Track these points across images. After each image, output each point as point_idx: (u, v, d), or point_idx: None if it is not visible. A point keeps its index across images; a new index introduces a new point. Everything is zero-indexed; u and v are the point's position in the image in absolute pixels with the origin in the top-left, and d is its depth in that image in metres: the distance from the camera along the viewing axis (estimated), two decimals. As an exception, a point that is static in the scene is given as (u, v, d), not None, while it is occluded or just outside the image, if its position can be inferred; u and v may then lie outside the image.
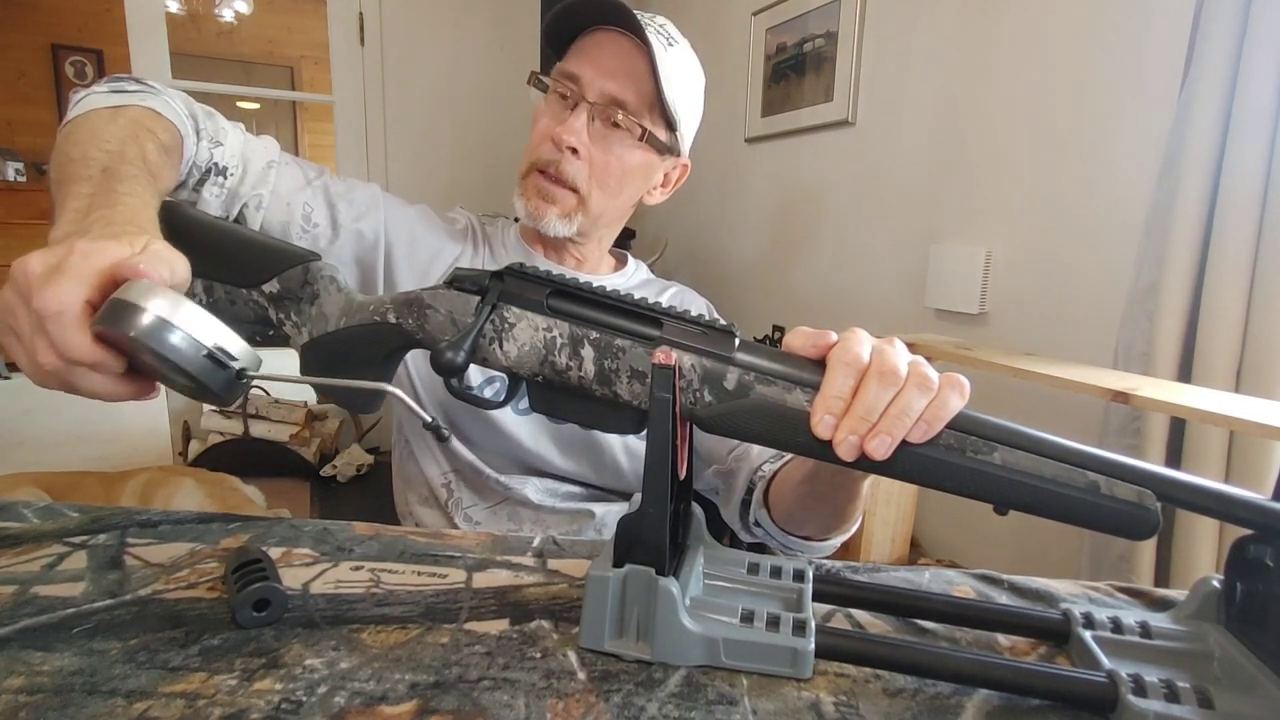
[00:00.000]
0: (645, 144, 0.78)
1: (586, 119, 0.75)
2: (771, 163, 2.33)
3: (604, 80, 0.75)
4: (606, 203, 0.80)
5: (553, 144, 0.76)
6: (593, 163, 0.77)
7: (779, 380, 0.42)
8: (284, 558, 0.52)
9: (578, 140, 0.75)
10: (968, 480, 0.39)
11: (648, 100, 0.76)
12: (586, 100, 0.75)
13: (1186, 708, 0.36)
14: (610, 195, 0.80)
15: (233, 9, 5.08)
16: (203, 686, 0.36)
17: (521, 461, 0.82)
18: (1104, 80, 1.34)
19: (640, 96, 0.76)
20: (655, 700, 0.37)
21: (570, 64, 0.76)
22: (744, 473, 0.72)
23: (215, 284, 0.48)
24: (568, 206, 0.78)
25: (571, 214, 0.79)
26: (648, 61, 0.74)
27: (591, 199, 0.78)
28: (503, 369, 0.46)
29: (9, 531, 0.54)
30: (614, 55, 0.75)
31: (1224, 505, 0.39)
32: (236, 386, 0.40)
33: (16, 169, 4.31)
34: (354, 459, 2.73)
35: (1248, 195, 1.06)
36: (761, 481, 0.70)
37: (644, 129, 0.77)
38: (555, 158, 0.76)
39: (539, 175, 0.78)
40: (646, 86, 0.75)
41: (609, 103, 0.75)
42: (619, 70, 0.75)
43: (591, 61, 0.75)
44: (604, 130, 0.76)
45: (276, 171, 0.72)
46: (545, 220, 0.78)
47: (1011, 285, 1.55)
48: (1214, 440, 1.11)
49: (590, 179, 0.77)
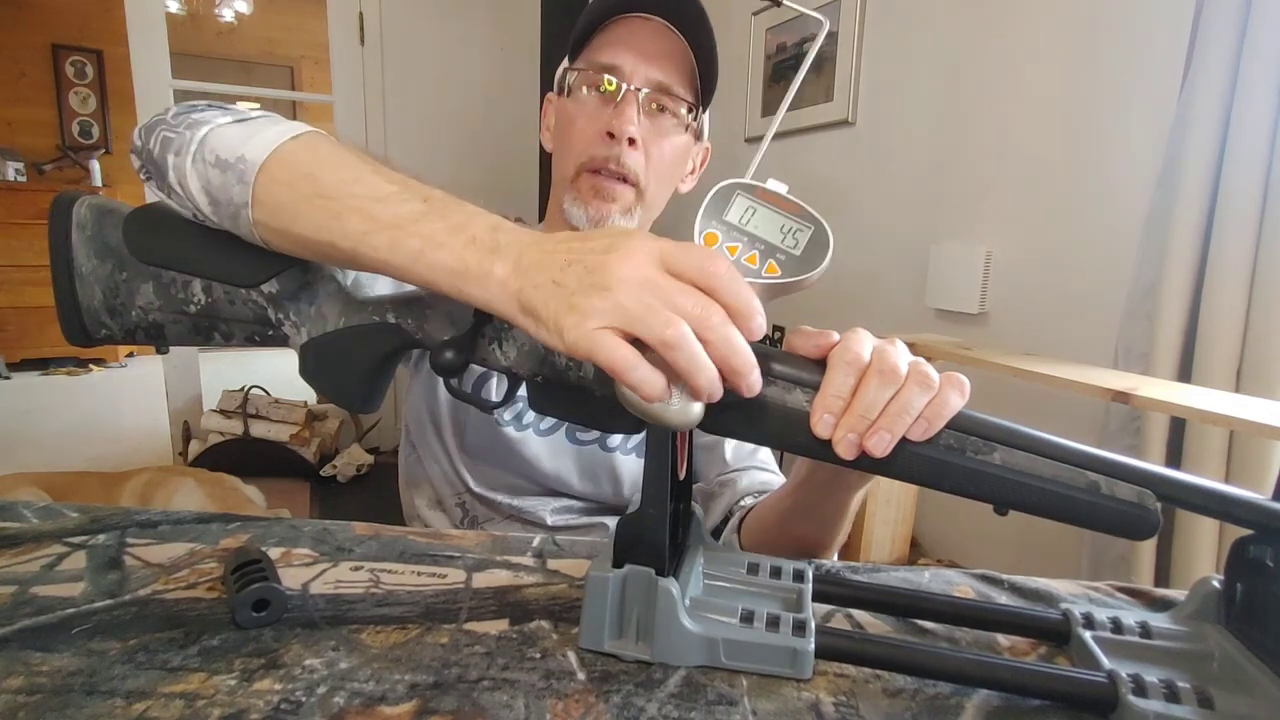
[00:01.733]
0: (687, 128, 0.76)
1: (636, 105, 0.72)
2: (771, 163, 2.33)
3: (647, 65, 0.72)
4: (661, 192, 0.78)
5: (608, 137, 0.72)
6: (649, 150, 0.73)
7: (779, 380, 0.42)
8: (284, 558, 0.52)
9: (636, 130, 0.71)
10: (968, 480, 0.39)
11: (689, 82, 0.74)
12: (633, 88, 0.72)
13: (1186, 708, 0.36)
14: (664, 183, 0.78)
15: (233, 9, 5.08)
16: (202, 687, 0.36)
17: (539, 483, 0.81)
18: (1104, 80, 1.34)
19: (683, 78, 0.73)
20: (655, 701, 0.37)
21: (605, 55, 0.72)
22: (726, 499, 0.72)
23: (214, 284, 0.48)
24: (627, 201, 0.75)
25: (632, 208, 0.75)
26: (683, 42, 0.72)
27: (649, 190, 0.76)
28: (502, 369, 0.45)
29: (9, 531, 0.54)
30: (651, 38, 0.72)
31: (1224, 505, 0.39)
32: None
33: (16, 169, 4.31)
34: (354, 459, 2.73)
35: (1248, 195, 1.06)
36: (740, 511, 0.69)
37: (692, 107, 0.75)
38: (612, 152, 0.72)
39: (591, 175, 0.74)
40: (686, 67, 0.73)
41: (655, 88, 0.73)
42: (660, 54, 0.72)
43: (630, 48, 0.72)
44: (652, 116, 0.74)
45: None
46: (609, 220, 0.75)
47: (1011, 285, 1.55)
48: (1214, 440, 1.11)
49: (648, 168, 0.74)
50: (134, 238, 0.48)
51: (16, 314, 4.06)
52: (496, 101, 2.92)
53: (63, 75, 4.64)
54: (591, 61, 0.73)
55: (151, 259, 0.48)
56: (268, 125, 0.45)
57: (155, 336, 0.49)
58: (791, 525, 0.61)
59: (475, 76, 2.92)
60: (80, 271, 0.47)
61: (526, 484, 0.81)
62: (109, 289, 0.48)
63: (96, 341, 0.49)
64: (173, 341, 0.50)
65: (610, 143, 0.72)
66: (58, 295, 0.48)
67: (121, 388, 4.06)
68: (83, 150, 4.67)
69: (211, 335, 0.49)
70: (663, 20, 0.72)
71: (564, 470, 0.80)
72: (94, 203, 0.49)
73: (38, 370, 4.22)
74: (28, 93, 4.56)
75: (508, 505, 0.80)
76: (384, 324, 0.47)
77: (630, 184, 0.74)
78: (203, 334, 0.49)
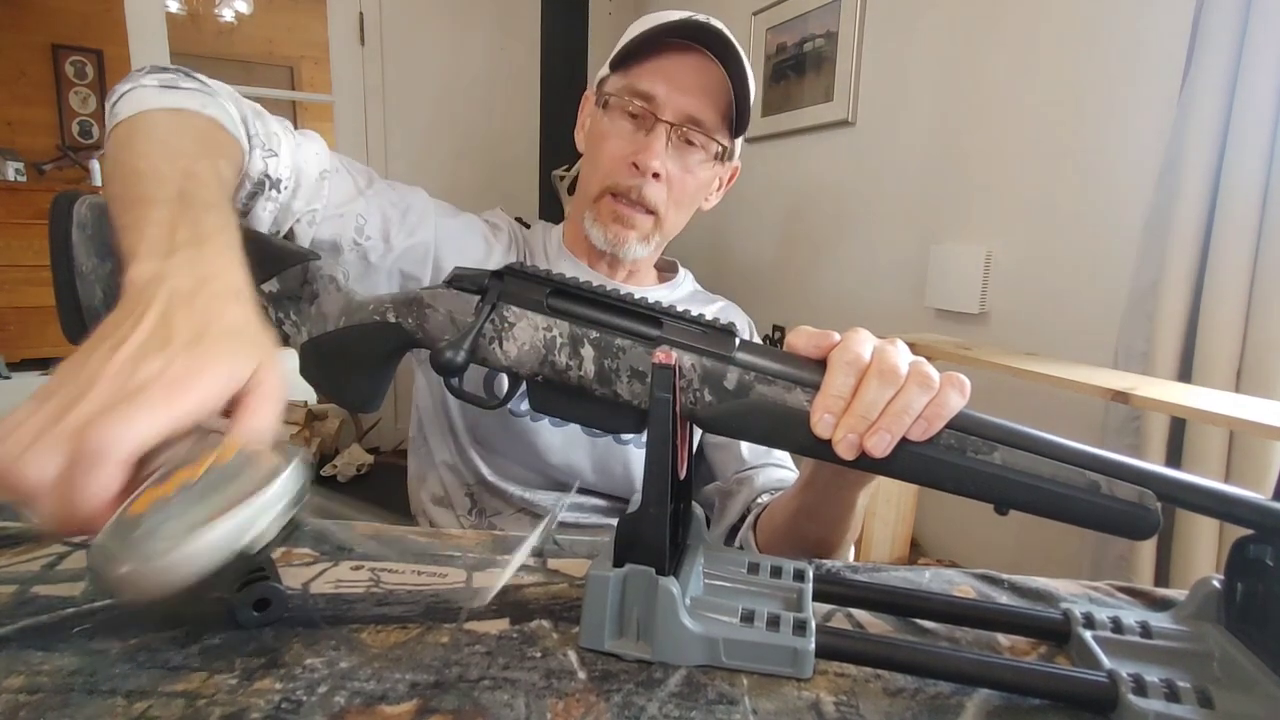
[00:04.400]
0: (716, 158, 0.77)
1: (665, 139, 0.74)
2: (772, 163, 2.33)
3: (681, 98, 0.73)
4: (679, 219, 0.80)
5: (633, 168, 0.74)
6: (670, 183, 0.75)
7: (779, 380, 0.42)
8: (284, 557, 0.52)
9: (661, 165, 0.73)
10: (968, 480, 0.39)
11: (723, 115, 0.75)
12: (663, 120, 0.73)
13: (1187, 707, 0.36)
14: (683, 211, 0.80)
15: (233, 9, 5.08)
16: (203, 686, 0.36)
17: (549, 476, 0.80)
18: (1104, 80, 1.34)
19: (717, 113, 0.74)
20: (655, 700, 0.37)
21: (644, 82, 0.73)
22: (743, 497, 0.72)
23: None
24: (645, 230, 0.77)
25: (649, 236, 0.78)
26: (721, 75, 0.72)
27: (668, 219, 0.78)
28: (502, 368, 0.45)
29: (9, 531, 0.54)
30: (690, 72, 0.73)
31: (1224, 505, 0.39)
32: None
33: (16, 169, 4.31)
34: (354, 459, 2.73)
35: (1248, 195, 1.06)
36: (757, 508, 0.69)
37: (721, 147, 0.76)
38: (635, 182, 0.74)
39: (614, 199, 0.76)
40: (722, 102, 0.74)
41: (686, 121, 0.74)
42: (696, 88, 0.73)
43: (667, 79, 0.73)
44: (680, 149, 0.75)
45: (330, 183, 0.67)
46: (625, 246, 0.77)
47: (1011, 285, 1.55)
48: (1214, 440, 1.11)
49: (669, 200, 0.76)
50: None
51: (16, 314, 4.06)
52: (496, 101, 2.92)
53: (63, 75, 4.64)
54: (630, 86, 0.74)
55: None
56: (172, 97, 0.53)
57: None
58: (800, 526, 0.62)
59: (475, 76, 2.92)
60: (81, 270, 0.47)
61: (537, 476, 0.81)
62: (110, 289, 0.48)
63: None
64: None
65: (635, 173, 0.74)
66: (58, 294, 0.48)
67: (121, 388, 4.06)
68: (83, 150, 4.67)
69: None
70: (704, 52, 0.73)
71: (577, 462, 0.80)
72: (95, 202, 0.49)
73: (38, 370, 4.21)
74: (28, 93, 4.56)
75: (519, 497, 0.80)
76: (384, 323, 0.47)
77: (650, 213, 0.76)
78: None
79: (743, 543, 0.69)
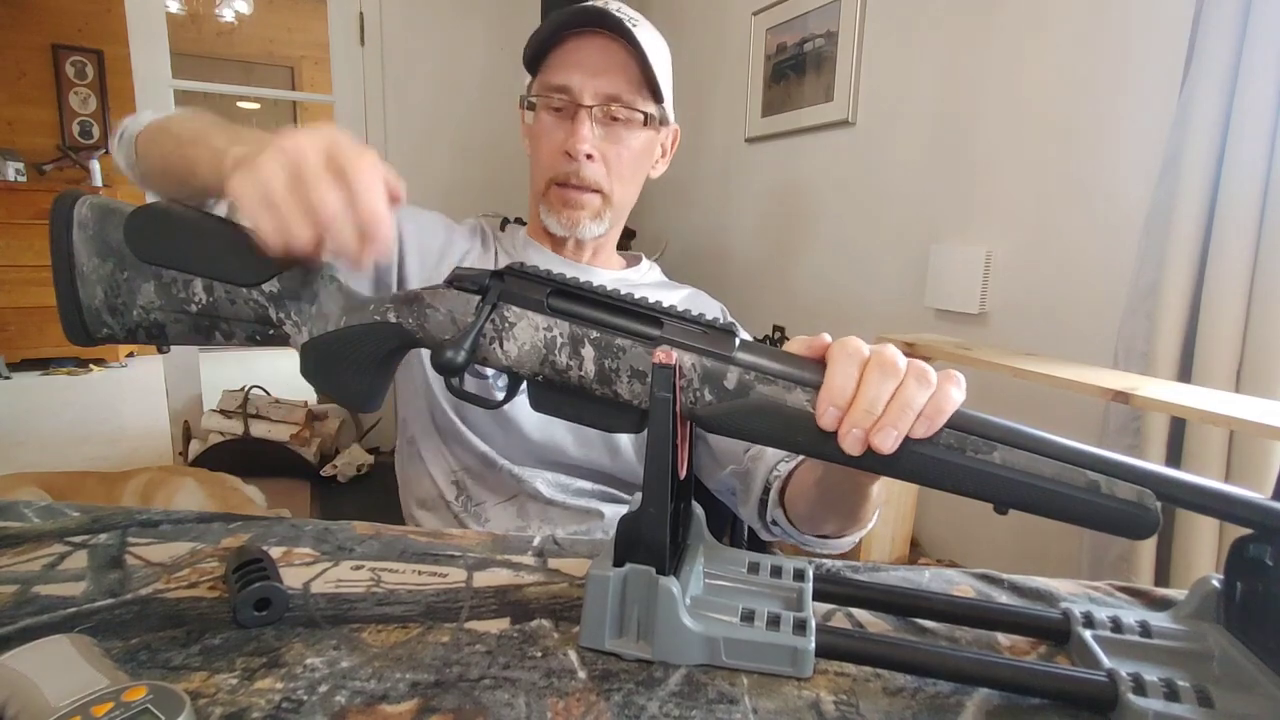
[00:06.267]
0: (645, 126, 0.81)
1: (590, 123, 0.78)
2: (772, 163, 2.33)
3: (594, 81, 0.77)
4: (628, 190, 0.85)
5: (567, 155, 0.79)
6: (607, 160, 0.80)
7: (779, 379, 0.42)
8: (285, 557, 0.52)
9: (592, 146, 0.78)
10: (969, 479, 0.39)
11: (636, 85, 0.79)
12: (583, 106, 0.78)
13: (1186, 706, 0.36)
14: (630, 182, 0.84)
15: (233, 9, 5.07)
16: (204, 685, 0.36)
17: (533, 453, 0.82)
18: (1104, 80, 1.34)
19: (630, 84, 0.79)
20: (656, 699, 0.37)
21: (555, 76, 0.79)
22: (760, 472, 0.72)
23: (215, 283, 0.48)
24: (595, 207, 0.82)
25: (601, 213, 0.83)
26: (625, 49, 0.77)
27: (614, 193, 0.82)
28: (503, 368, 0.46)
29: (10, 531, 0.54)
30: (594, 53, 0.78)
31: (1224, 505, 0.39)
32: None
33: (17, 169, 4.31)
34: (354, 459, 2.73)
35: (1248, 195, 1.06)
36: (777, 481, 0.70)
37: (644, 114, 0.80)
38: (572, 168, 0.79)
39: (559, 188, 0.81)
40: (633, 73, 0.78)
41: (605, 100, 0.78)
42: (604, 66, 0.77)
43: (576, 67, 0.78)
44: (607, 126, 0.80)
45: None
46: (580, 227, 0.82)
47: (1011, 285, 1.55)
48: (1214, 440, 1.11)
49: (609, 176, 0.81)
50: (135, 237, 0.48)
51: (16, 314, 4.07)
52: (496, 101, 2.92)
53: (63, 75, 4.64)
54: (545, 83, 0.80)
55: (153, 258, 0.48)
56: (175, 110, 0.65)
57: (156, 336, 0.49)
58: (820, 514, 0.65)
59: (475, 76, 2.92)
60: (82, 270, 0.47)
61: (521, 454, 0.82)
62: (110, 288, 0.48)
63: (98, 341, 0.49)
64: (174, 341, 0.50)
65: (569, 160, 0.79)
66: (59, 294, 0.48)
67: (122, 388, 4.07)
68: (83, 150, 4.67)
69: (212, 334, 0.49)
70: (603, 31, 0.77)
71: (558, 437, 0.81)
72: (95, 202, 0.49)
73: (38, 370, 4.22)
74: (28, 93, 4.56)
75: (507, 474, 0.81)
76: (385, 323, 0.47)
77: (595, 191, 0.81)
78: (204, 333, 0.49)
79: (774, 518, 0.70)
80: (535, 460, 0.82)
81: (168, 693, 0.32)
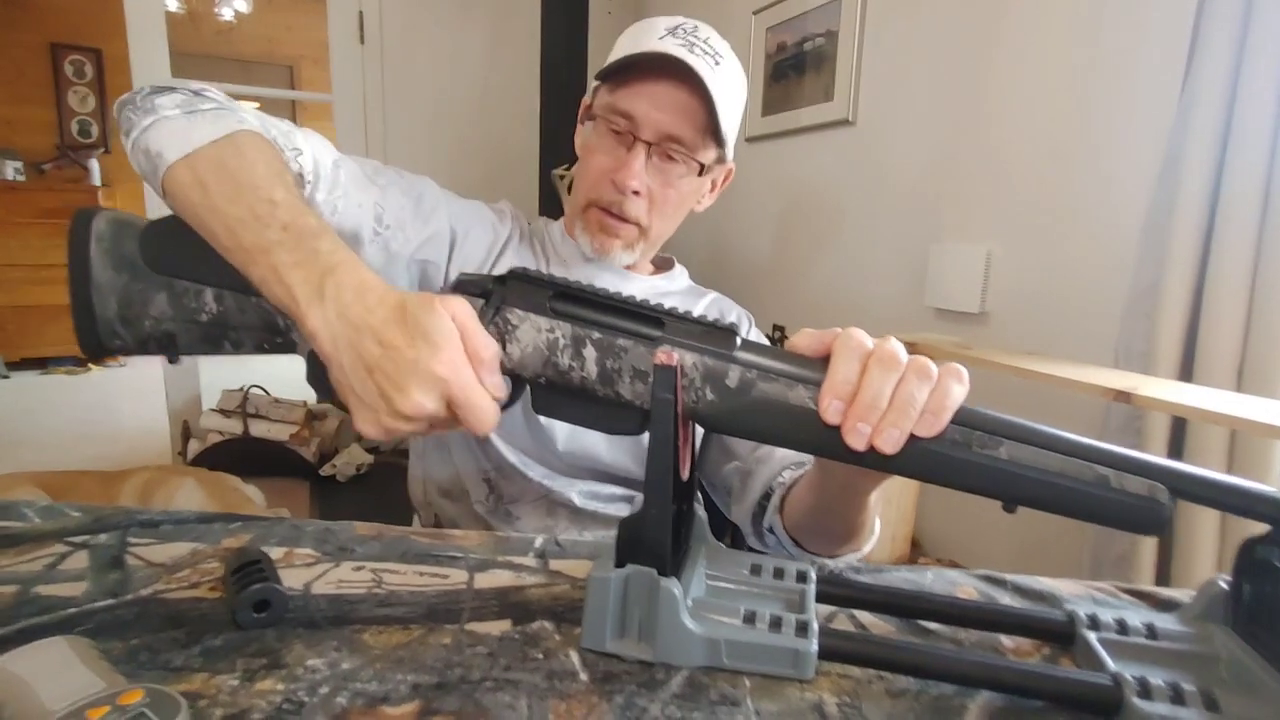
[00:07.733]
0: (701, 170, 0.79)
1: (644, 158, 0.76)
2: (772, 162, 2.33)
3: (659, 116, 0.75)
4: (665, 227, 0.83)
5: (613, 185, 0.77)
6: (653, 197, 0.78)
7: (781, 378, 0.42)
8: (285, 558, 0.52)
9: (639, 183, 0.76)
10: (976, 476, 0.39)
11: (701, 131, 0.76)
12: (642, 140, 0.75)
13: (1192, 710, 0.36)
14: (669, 220, 0.82)
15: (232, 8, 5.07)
16: (204, 687, 0.36)
17: (564, 460, 0.81)
18: (1104, 80, 1.34)
19: (695, 130, 0.76)
20: (658, 701, 0.37)
21: (624, 101, 0.76)
22: (763, 476, 0.71)
23: (225, 292, 0.49)
24: (630, 238, 0.80)
25: (634, 244, 0.81)
26: (698, 94, 0.74)
27: (652, 229, 0.81)
28: (506, 372, 0.46)
29: (10, 531, 0.54)
30: (667, 91, 0.75)
31: (1243, 500, 0.38)
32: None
33: (16, 168, 4.30)
34: (354, 458, 2.73)
35: (1248, 194, 1.06)
36: (780, 488, 0.69)
37: (700, 164, 0.78)
38: (616, 198, 0.77)
39: (599, 211, 0.79)
40: (700, 119, 0.75)
41: (665, 139, 0.76)
42: (672, 106, 0.75)
43: (646, 98, 0.75)
44: (661, 164, 0.77)
45: (344, 171, 0.68)
46: (610, 254, 0.80)
47: (1012, 285, 1.55)
48: (1215, 440, 1.10)
49: (650, 212, 0.79)
50: (150, 248, 0.50)
51: (16, 313, 4.06)
52: (496, 101, 2.92)
53: (61, 74, 4.63)
54: (611, 104, 0.77)
55: (166, 269, 0.49)
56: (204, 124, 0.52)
57: (167, 346, 0.51)
58: (818, 521, 0.63)
59: (475, 76, 2.91)
60: (97, 282, 0.49)
61: (553, 460, 0.81)
62: (124, 299, 0.49)
63: (110, 351, 0.51)
64: (183, 351, 0.51)
65: (615, 190, 0.77)
66: (74, 306, 0.49)
67: (121, 387, 4.06)
68: (82, 149, 4.67)
69: (221, 344, 0.51)
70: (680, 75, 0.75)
71: (589, 444, 0.80)
72: (112, 216, 0.50)
73: (38, 370, 4.21)
74: (26, 92, 4.55)
75: (539, 483, 0.80)
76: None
77: (632, 224, 0.79)
78: (213, 343, 0.51)
79: (770, 525, 0.69)
80: (567, 468, 0.82)
81: (164, 696, 0.32)
